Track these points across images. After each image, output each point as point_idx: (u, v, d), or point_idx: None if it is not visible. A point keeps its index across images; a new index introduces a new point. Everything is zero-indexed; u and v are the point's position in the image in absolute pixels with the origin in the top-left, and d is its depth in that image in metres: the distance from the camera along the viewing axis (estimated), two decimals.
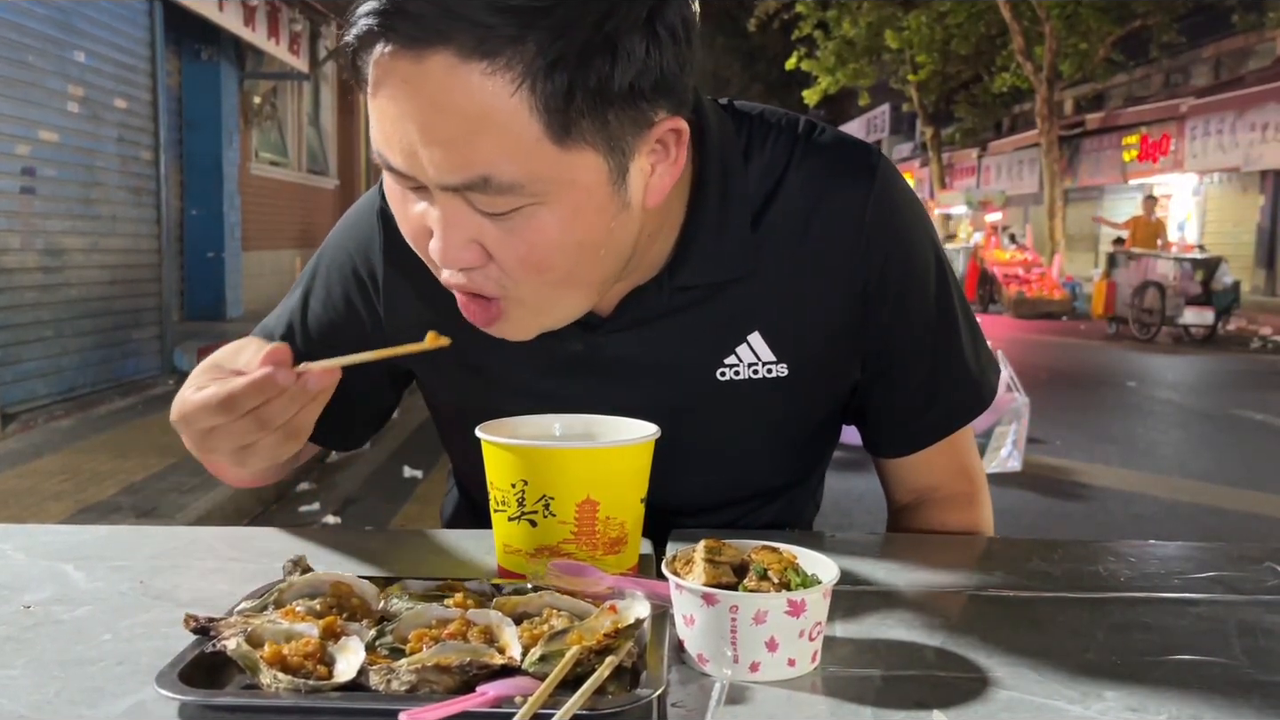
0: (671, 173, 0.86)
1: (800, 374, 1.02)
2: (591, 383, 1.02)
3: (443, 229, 0.80)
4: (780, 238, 0.97)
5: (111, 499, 4.19)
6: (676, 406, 1.01)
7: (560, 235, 0.80)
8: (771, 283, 0.98)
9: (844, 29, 23.52)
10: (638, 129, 0.80)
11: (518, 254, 0.81)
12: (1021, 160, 25.17)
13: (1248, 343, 12.49)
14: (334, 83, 12.44)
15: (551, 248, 0.81)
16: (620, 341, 1.00)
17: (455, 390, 1.11)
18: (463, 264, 0.82)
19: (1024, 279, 16.47)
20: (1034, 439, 5.88)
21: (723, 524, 1.11)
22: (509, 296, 0.85)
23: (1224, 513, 4.95)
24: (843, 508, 4.68)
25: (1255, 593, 0.95)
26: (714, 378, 1.01)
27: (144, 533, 1.08)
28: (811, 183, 0.97)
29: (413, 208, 0.84)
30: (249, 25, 8.19)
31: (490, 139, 0.76)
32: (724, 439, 1.05)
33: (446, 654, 0.69)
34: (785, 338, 1.00)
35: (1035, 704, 0.71)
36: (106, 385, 6.42)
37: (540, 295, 0.85)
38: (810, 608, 0.74)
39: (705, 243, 0.95)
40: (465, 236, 0.80)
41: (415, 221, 0.84)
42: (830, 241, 0.98)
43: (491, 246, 0.81)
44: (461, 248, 0.81)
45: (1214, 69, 20.00)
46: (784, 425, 1.07)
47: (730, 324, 0.99)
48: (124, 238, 6.82)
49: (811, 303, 0.99)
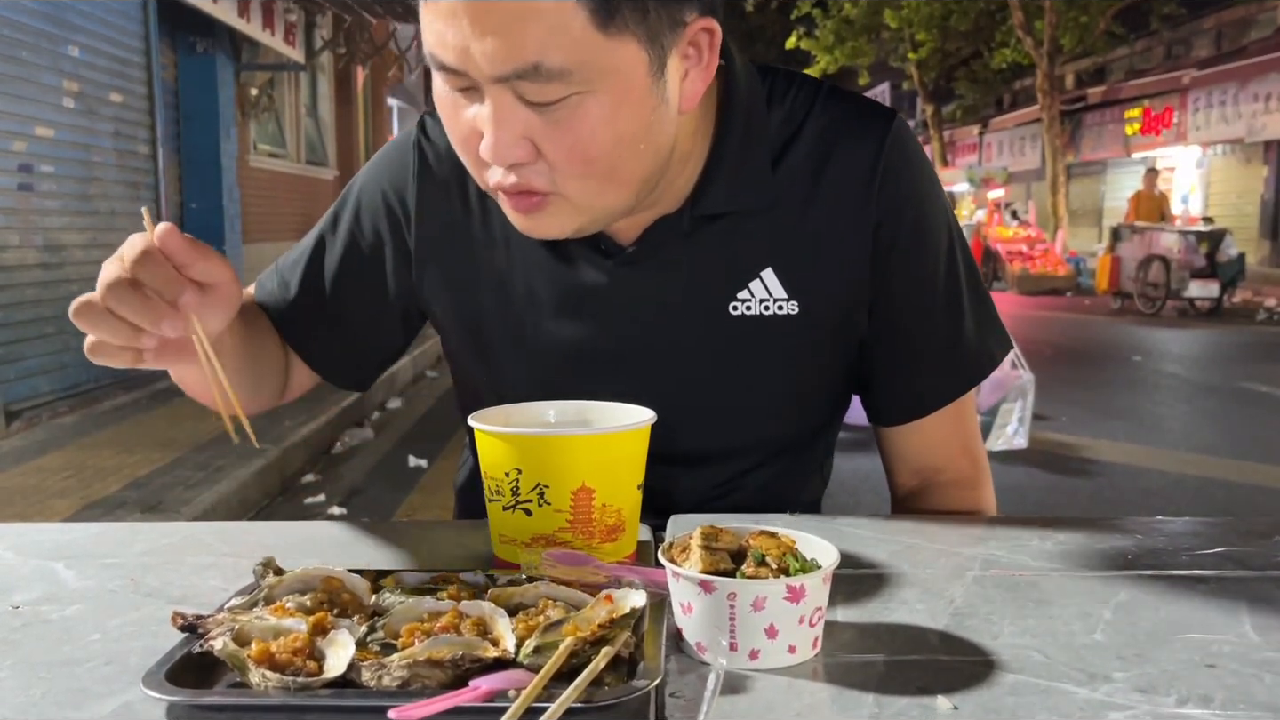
0: (704, 77, 0.90)
1: (810, 314, 1.03)
2: (609, 316, 1.04)
3: (494, 125, 0.83)
4: (797, 177, 1.01)
5: (116, 494, 4.18)
6: (689, 342, 1.03)
7: (605, 125, 0.84)
8: (786, 220, 1.01)
9: (843, 8, 23.39)
10: (674, 25, 0.85)
11: (566, 145, 0.84)
12: (1023, 136, 25.06)
13: (1253, 315, 12.43)
14: (331, 73, 12.39)
15: (597, 138, 0.84)
16: (639, 273, 1.02)
17: (474, 322, 1.10)
18: (513, 160, 0.85)
19: (1028, 255, 16.39)
20: (1040, 415, 5.86)
21: (722, 481, 1.10)
22: (555, 192, 0.88)
23: (1231, 485, 4.93)
24: (849, 487, 4.67)
25: (1265, 568, 0.93)
26: (727, 311, 1.02)
27: (136, 529, 1.06)
28: (830, 130, 1.01)
29: (463, 112, 0.86)
30: (243, 16, 8.15)
31: (539, 27, 0.79)
32: (732, 379, 1.05)
33: (438, 648, 0.67)
34: (797, 275, 1.02)
35: (1041, 687, 0.69)
36: (110, 381, 6.42)
37: (585, 190, 0.88)
38: (810, 593, 0.72)
39: (727, 172, 0.98)
40: (516, 132, 0.83)
41: (465, 125, 0.87)
42: (844, 184, 1.00)
43: (540, 141, 0.84)
44: (512, 144, 0.84)
45: (1215, 40, 19.85)
46: (791, 370, 1.07)
47: (745, 259, 1.01)
48: (123, 232, 6.66)
49: (824, 242, 1.01)
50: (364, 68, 12.71)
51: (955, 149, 28.81)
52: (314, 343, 1.15)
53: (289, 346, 1.15)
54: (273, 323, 1.14)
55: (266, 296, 1.15)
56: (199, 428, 5.12)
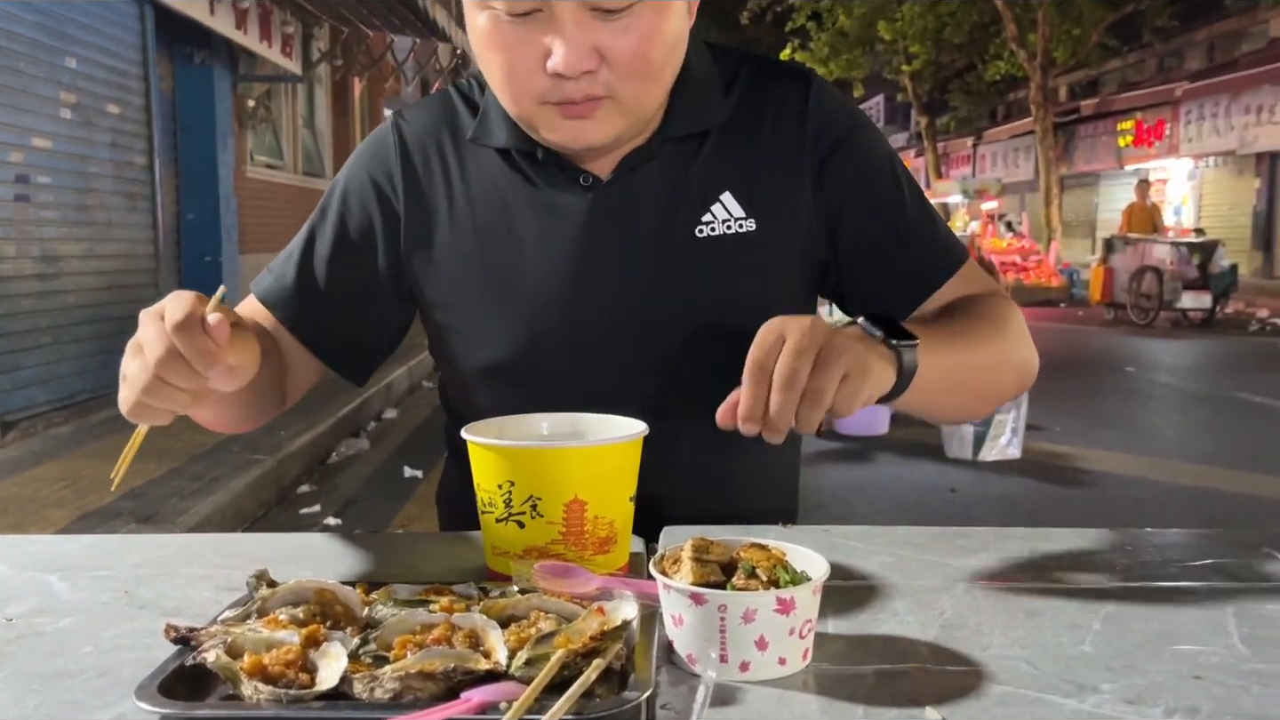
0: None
1: (766, 230, 1.12)
2: (588, 248, 1.11)
3: (569, 39, 0.96)
4: (743, 100, 1.14)
5: (111, 505, 4.17)
6: (664, 267, 1.11)
7: (661, 29, 0.99)
8: (737, 143, 1.13)
9: (838, 20, 23.48)
10: None
11: (630, 48, 0.98)
12: (1017, 148, 25.14)
13: (1246, 325, 12.46)
14: (328, 84, 12.40)
15: (655, 41, 0.99)
16: (615, 202, 1.11)
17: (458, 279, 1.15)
18: (584, 68, 0.97)
19: (1021, 266, 16.42)
20: (1033, 426, 5.87)
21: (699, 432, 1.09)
22: (611, 95, 1.01)
23: (1225, 495, 4.94)
24: (841, 498, 4.67)
25: (1253, 579, 0.94)
26: (694, 235, 1.11)
27: (129, 541, 1.06)
28: (763, 73, 1.16)
29: (523, 38, 0.98)
30: (241, 28, 8.15)
31: None
32: (705, 302, 1.11)
33: (430, 660, 0.68)
34: (751, 194, 1.12)
35: (1030, 698, 0.70)
36: (105, 391, 6.40)
37: (636, 91, 1.01)
38: (800, 605, 0.73)
39: (688, 98, 1.11)
40: (588, 43, 0.97)
41: (526, 50, 0.98)
42: (782, 108, 1.14)
43: (607, 47, 0.97)
44: (584, 55, 0.97)
45: (1207, 52, 19.94)
46: (756, 286, 1.12)
47: (706, 183, 1.12)
48: (120, 243, 6.80)
49: (770, 161, 1.13)
50: (361, 79, 12.72)
51: (949, 161, 28.88)
52: (315, 330, 1.18)
53: (297, 338, 1.17)
54: (275, 318, 1.17)
55: (266, 293, 1.18)
56: (195, 438, 5.11)
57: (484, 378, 1.16)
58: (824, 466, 5.49)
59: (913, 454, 5.73)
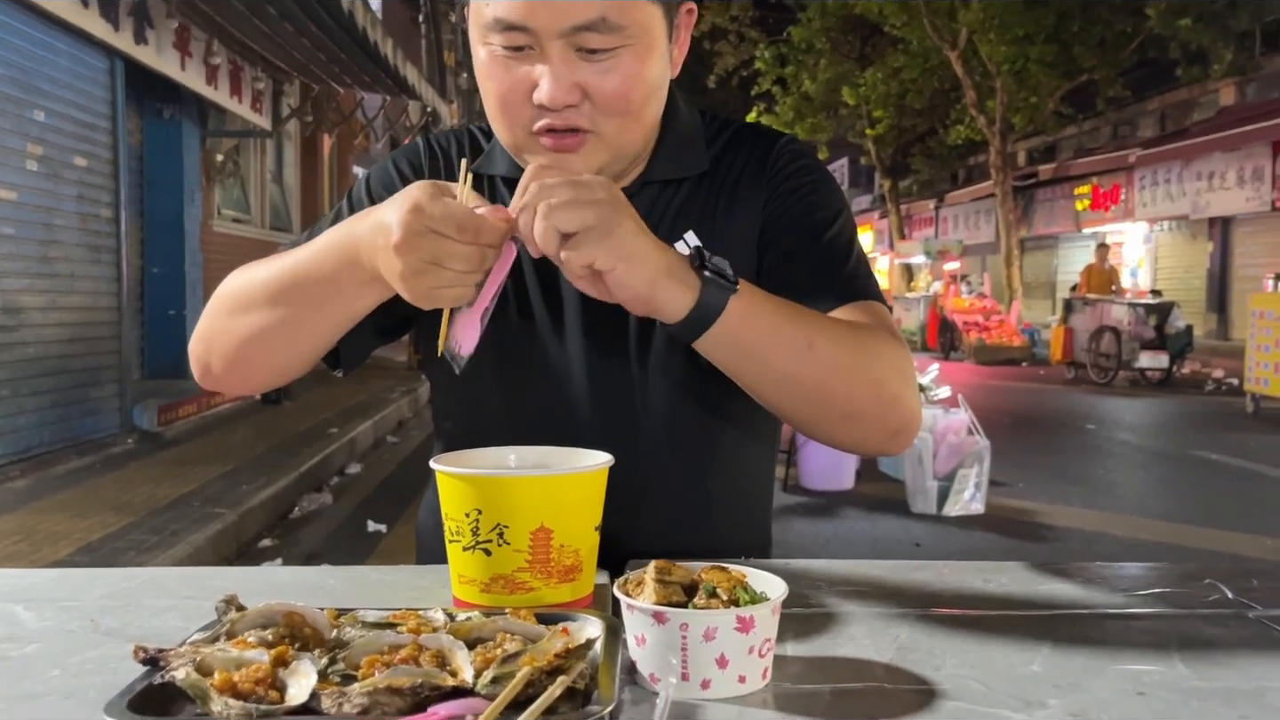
0: (681, 50, 1.14)
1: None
2: (567, 283, 1.13)
3: (554, 73, 1.03)
4: (720, 159, 1.22)
5: (67, 558, 4.10)
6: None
7: (641, 73, 1.06)
8: (710, 191, 1.21)
9: (803, 85, 24.00)
10: (677, 1, 1.11)
11: (611, 88, 1.05)
12: (978, 210, 25.64)
13: (1202, 385, 12.71)
14: (297, 140, 12.46)
15: (635, 83, 1.06)
16: None
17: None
18: (567, 101, 1.04)
19: (984, 326, 16.70)
20: (996, 481, 5.93)
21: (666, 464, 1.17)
22: (594, 131, 1.07)
23: (1183, 550, 5.00)
24: (808, 551, 4.68)
25: (1196, 607, 0.97)
26: None
27: (95, 574, 1.07)
28: (741, 133, 1.25)
29: (515, 71, 1.05)
30: (211, 84, 8.20)
31: None
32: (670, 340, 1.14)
33: (398, 677, 0.69)
34: (711, 231, 1.19)
35: (980, 713, 0.72)
36: (64, 444, 6.31)
37: (616, 127, 1.08)
38: (759, 624, 0.75)
39: (671, 147, 1.20)
40: (571, 79, 1.04)
41: (516, 81, 1.05)
42: (750, 161, 1.21)
43: (590, 85, 1.04)
44: (568, 89, 1.04)
45: (1160, 121, 20.56)
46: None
47: (672, 223, 1.19)
48: (83, 295, 6.75)
49: (730, 203, 1.21)
50: (330, 135, 12.79)
51: (912, 222, 29.39)
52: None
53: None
54: None
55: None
56: (154, 491, 5.04)
57: (460, 399, 1.21)
58: (789, 520, 5.50)
59: (878, 509, 5.77)
